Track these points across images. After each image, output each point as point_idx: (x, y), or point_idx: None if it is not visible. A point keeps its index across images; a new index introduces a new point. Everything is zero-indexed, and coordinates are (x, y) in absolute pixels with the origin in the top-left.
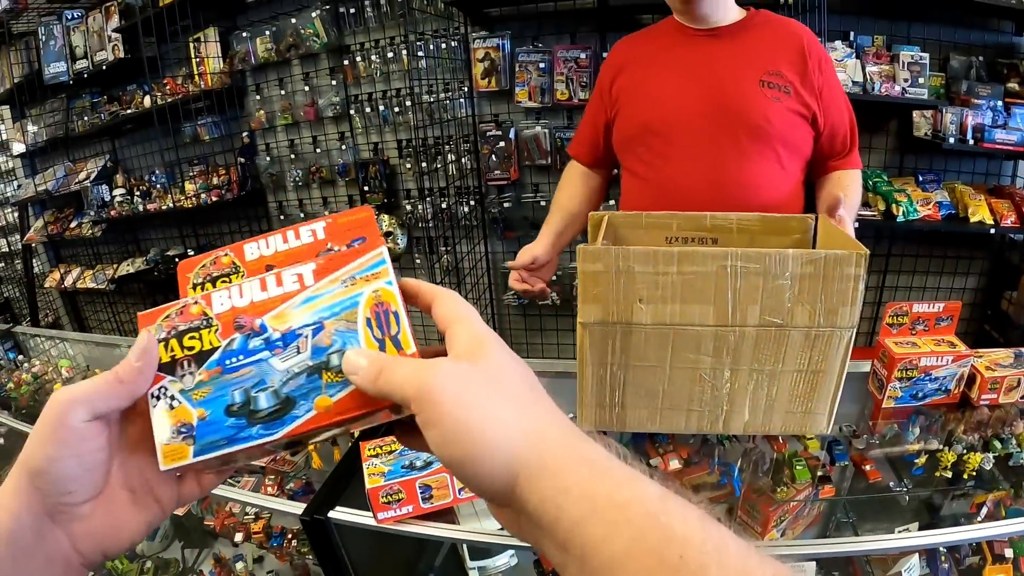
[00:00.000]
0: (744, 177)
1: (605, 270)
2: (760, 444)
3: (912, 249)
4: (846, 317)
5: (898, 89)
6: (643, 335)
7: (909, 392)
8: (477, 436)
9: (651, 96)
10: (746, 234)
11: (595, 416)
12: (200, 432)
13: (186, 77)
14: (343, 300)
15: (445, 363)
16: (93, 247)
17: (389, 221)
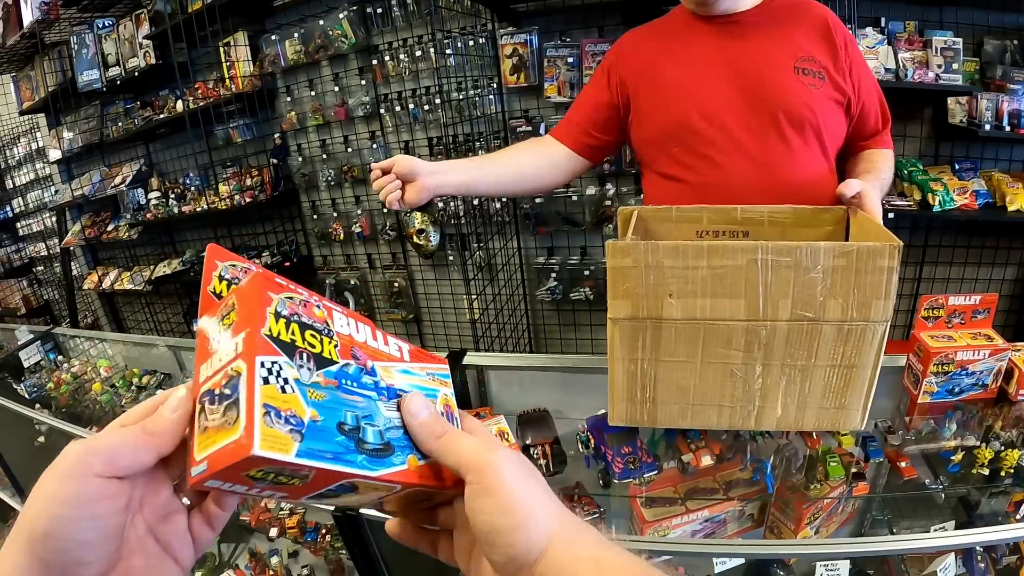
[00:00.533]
0: (794, 173)
1: (634, 265)
2: (793, 440)
3: (949, 239)
4: (880, 311)
5: (931, 75)
6: (673, 330)
7: (945, 387)
8: (527, 510)
9: (682, 92)
10: (777, 227)
11: (626, 412)
12: (310, 433)
13: (217, 81)
14: (428, 387)
15: (504, 449)
16: (130, 249)
17: (421, 218)
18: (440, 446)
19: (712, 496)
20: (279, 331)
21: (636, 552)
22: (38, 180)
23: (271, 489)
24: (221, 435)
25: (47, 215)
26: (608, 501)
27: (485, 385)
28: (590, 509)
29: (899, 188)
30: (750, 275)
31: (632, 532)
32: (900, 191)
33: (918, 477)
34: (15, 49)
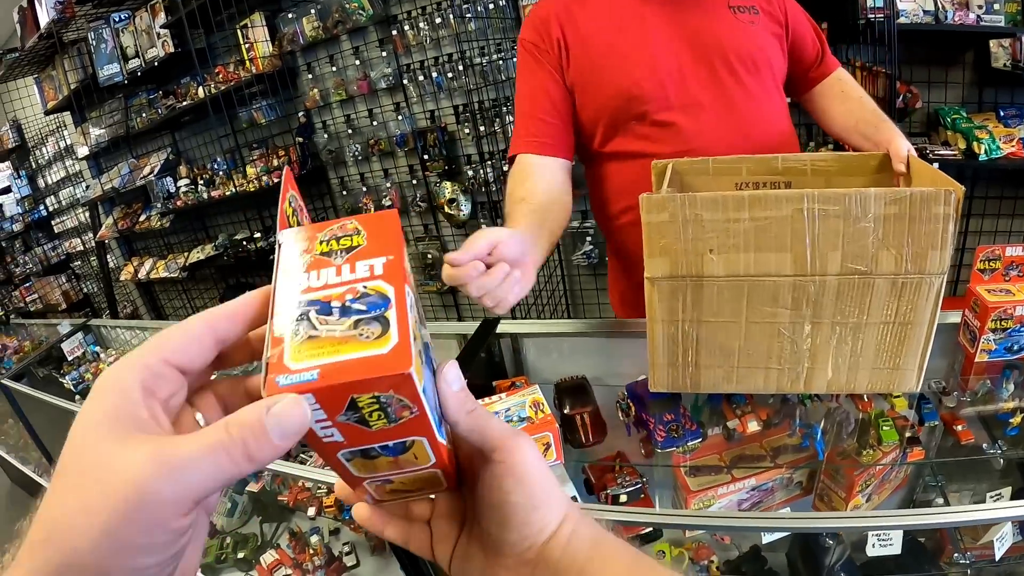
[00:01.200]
0: (758, 116)
1: (671, 220)
2: (844, 404)
3: (996, 190)
4: (936, 262)
5: (972, 17)
6: (715, 288)
7: (1004, 344)
8: (547, 491)
9: (626, 61)
10: (821, 175)
11: (668, 377)
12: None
13: (237, 64)
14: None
15: (526, 434)
16: (163, 238)
17: (452, 188)
18: (472, 419)
19: (759, 464)
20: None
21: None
22: (69, 177)
23: (344, 430)
24: (350, 347)
25: (80, 210)
26: (651, 471)
27: (520, 353)
28: (632, 479)
29: (942, 137)
30: (796, 226)
31: (676, 503)
32: (944, 140)
33: (975, 441)
34: (35, 50)
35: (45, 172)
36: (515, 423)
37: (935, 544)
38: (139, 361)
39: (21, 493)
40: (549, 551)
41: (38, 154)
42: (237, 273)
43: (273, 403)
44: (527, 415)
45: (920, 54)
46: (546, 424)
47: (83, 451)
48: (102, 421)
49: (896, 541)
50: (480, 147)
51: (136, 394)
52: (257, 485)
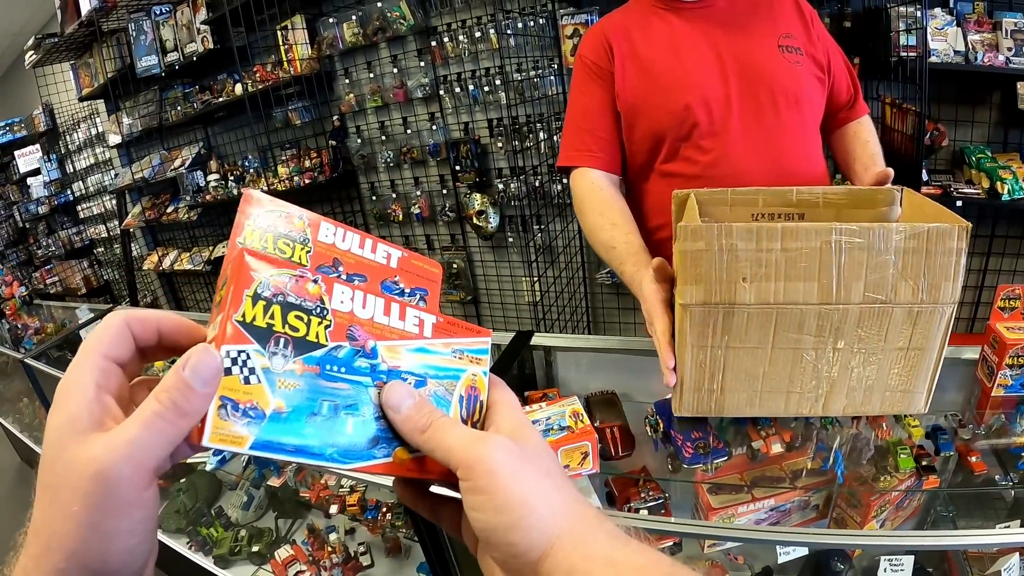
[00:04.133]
0: (794, 152)
1: (707, 249)
2: (863, 430)
3: (1017, 230)
4: (948, 292)
5: (1002, 59)
6: (745, 315)
7: (1020, 380)
8: (528, 508)
9: (676, 83)
10: (832, 208)
11: (694, 401)
12: (269, 425)
13: (275, 64)
14: (449, 368)
15: (501, 437)
16: (189, 230)
17: (481, 200)
18: (425, 441)
19: (779, 485)
20: (255, 316)
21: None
22: (98, 164)
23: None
24: None
25: (107, 198)
26: (673, 486)
27: (552, 366)
28: (655, 494)
29: (967, 175)
30: (824, 257)
31: (697, 518)
32: (968, 178)
33: (988, 472)
34: (74, 37)
35: (74, 157)
36: (555, 431)
37: (943, 575)
38: (88, 361)
39: (31, 472)
40: (549, 572)
41: (68, 139)
42: None
43: (185, 360)
44: (567, 424)
45: (948, 93)
46: (585, 434)
47: (54, 461)
48: (64, 427)
49: (907, 567)
50: (512, 161)
51: (92, 392)
52: (279, 480)
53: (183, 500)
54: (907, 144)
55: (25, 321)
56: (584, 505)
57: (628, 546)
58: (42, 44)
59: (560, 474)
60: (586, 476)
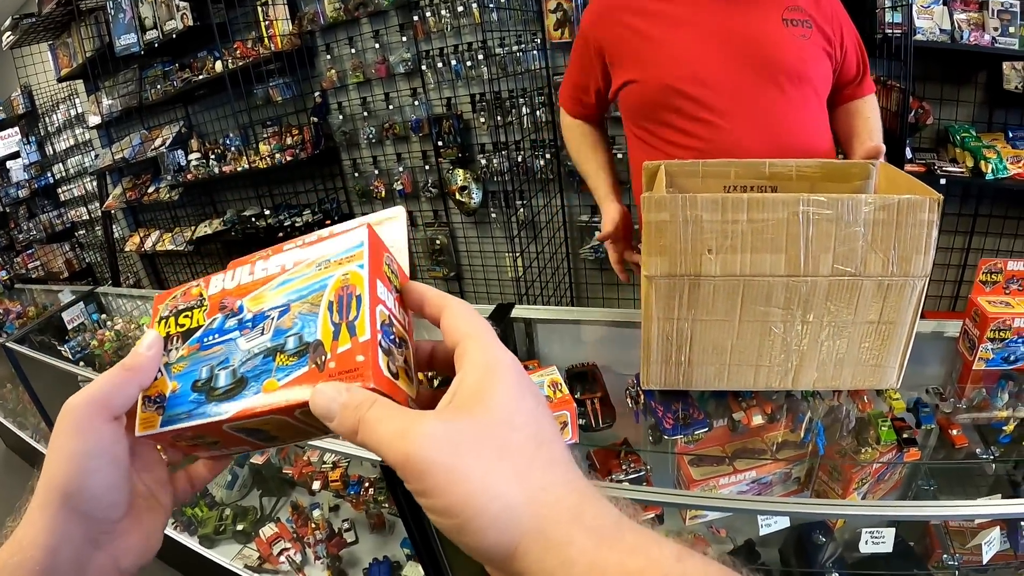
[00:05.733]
0: (797, 129)
1: (671, 219)
2: (844, 402)
3: (1001, 209)
4: (919, 265)
5: (987, 38)
6: (711, 287)
7: (1001, 354)
8: (473, 509)
9: (672, 56)
10: (806, 181)
11: (661, 374)
12: (169, 404)
13: (255, 41)
14: (312, 283)
15: (432, 426)
16: (171, 210)
17: (464, 176)
18: (360, 443)
19: (760, 457)
20: (164, 331)
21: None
22: (78, 146)
23: (206, 448)
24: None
25: (88, 180)
26: (655, 459)
27: (533, 339)
28: (636, 466)
29: (951, 154)
30: (791, 229)
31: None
32: (952, 157)
33: (969, 446)
34: (52, 17)
35: (54, 139)
36: None
37: (924, 548)
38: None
39: (17, 460)
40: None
41: (48, 121)
42: (244, 249)
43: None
44: (546, 394)
45: (934, 71)
46: (564, 403)
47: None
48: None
49: (888, 539)
50: (495, 137)
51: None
52: (261, 458)
53: None
54: (891, 121)
55: (7, 306)
56: (557, 490)
57: (619, 544)
58: (19, 24)
59: (534, 448)
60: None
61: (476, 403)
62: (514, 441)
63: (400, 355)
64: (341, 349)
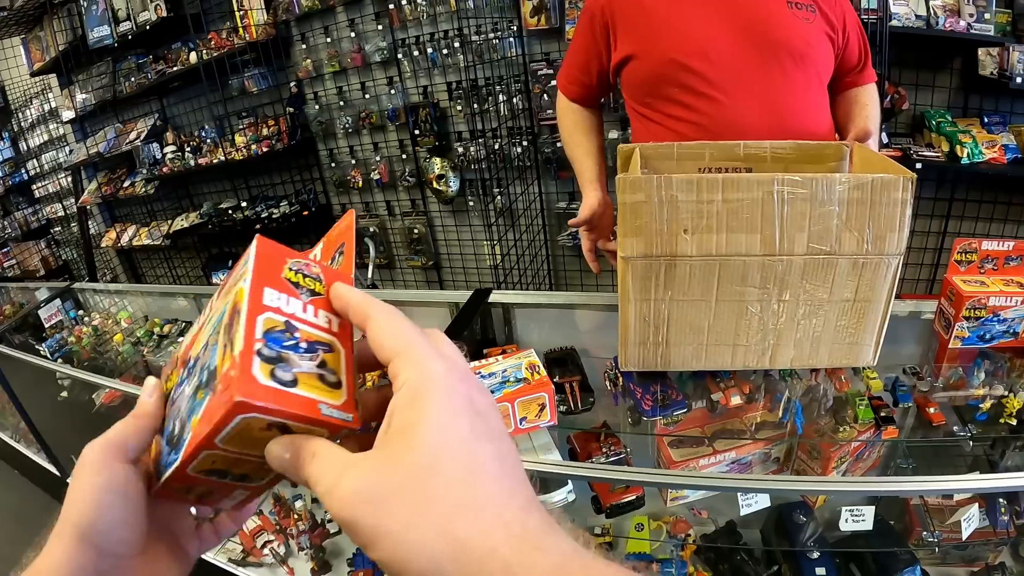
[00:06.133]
0: (798, 110)
1: (647, 200)
2: (822, 382)
3: (976, 194)
4: (894, 244)
5: (963, 24)
6: (688, 268)
7: (976, 333)
8: (398, 566)
9: (678, 31)
10: (780, 163)
11: (639, 356)
12: (159, 463)
13: (230, 31)
14: (222, 311)
15: (356, 482)
16: (147, 205)
17: (441, 164)
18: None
19: (740, 437)
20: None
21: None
22: (52, 141)
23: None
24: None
25: (62, 175)
26: (634, 441)
27: (511, 324)
28: (616, 449)
29: (927, 139)
30: (766, 208)
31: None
32: (928, 142)
33: (946, 424)
34: (24, 10)
35: (28, 135)
36: (511, 383)
37: (904, 527)
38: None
39: None
40: None
41: (21, 116)
42: (221, 242)
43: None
44: (523, 376)
45: (909, 57)
46: (542, 385)
47: None
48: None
49: (868, 517)
50: (472, 124)
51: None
52: None
53: None
54: None
55: None
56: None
57: None
58: None
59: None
60: (545, 430)
61: (402, 443)
62: (439, 487)
63: (309, 359)
64: (223, 369)
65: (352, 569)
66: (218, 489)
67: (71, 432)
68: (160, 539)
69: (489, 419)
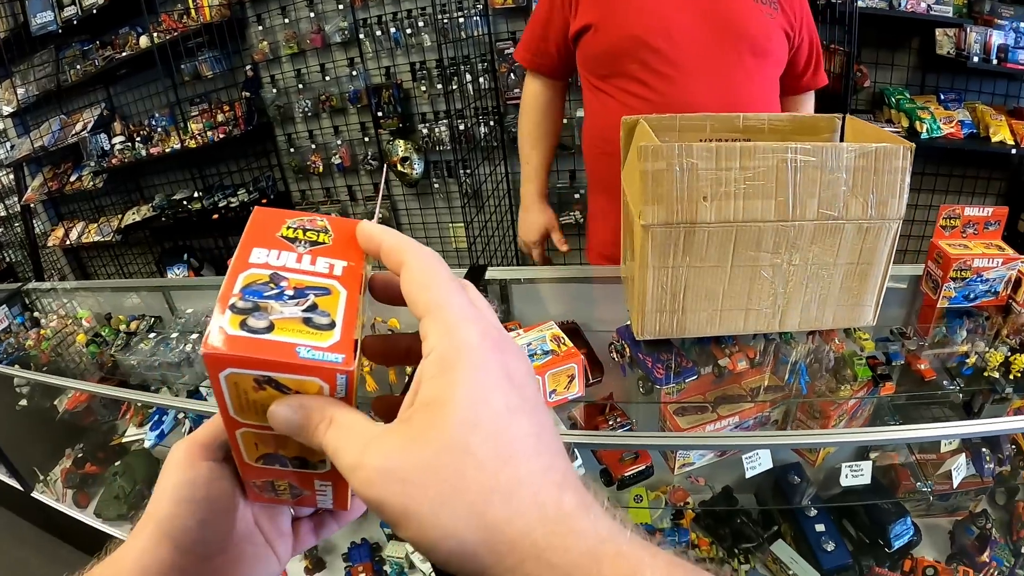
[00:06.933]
0: (753, 99)
1: (668, 168)
2: (819, 344)
3: (933, 167)
4: (895, 208)
5: (923, 6)
6: (706, 234)
7: (962, 293)
8: (426, 547)
9: (642, 8)
10: (777, 134)
11: (655, 323)
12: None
13: (182, 13)
14: None
15: (381, 458)
16: (94, 200)
17: (405, 146)
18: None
19: (743, 400)
20: None
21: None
22: None
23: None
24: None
25: (3, 172)
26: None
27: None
28: (622, 420)
29: (886, 115)
30: (780, 175)
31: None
32: (888, 118)
33: (937, 378)
34: None
35: None
36: (539, 356)
37: (891, 481)
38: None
39: None
40: None
41: None
42: (175, 235)
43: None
44: (550, 348)
45: (870, 37)
46: (571, 356)
47: None
48: None
49: (867, 471)
50: (436, 105)
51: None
52: None
53: (120, 484)
54: (835, 82)
55: None
56: (521, 523)
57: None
58: None
59: (487, 469)
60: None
61: (431, 419)
62: (470, 468)
63: (294, 305)
64: None
65: (350, 564)
66: (297, 482)
67: (33, 443)
68: (247, 539)
69: (525, 389)
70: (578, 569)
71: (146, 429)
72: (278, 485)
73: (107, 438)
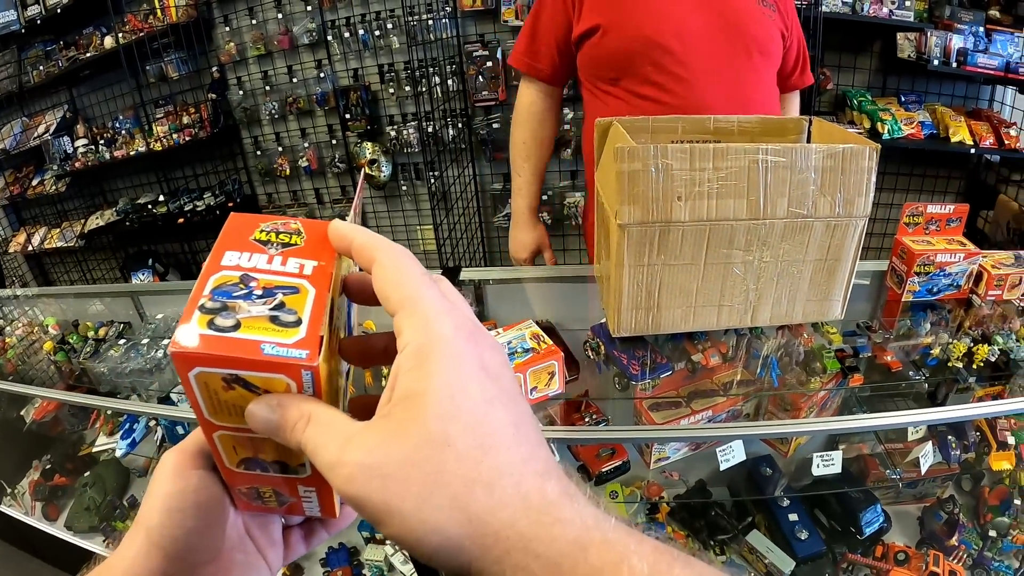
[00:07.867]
0: (759, 97)
1: (643, 169)
2: (789, 338)
3: (893, 168)
4: (861, 207)
5: (885, 11)
6: (680, 233)
7: (926, 287)
8: (411, 543)
9: (653, 11)
10: (747, 135)
11: (631, 321)
12: None
13: (148, 13)
14: None
15: (360, 454)
16: (58, 204)
17: (373, 148)
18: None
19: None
20: None
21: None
22: None
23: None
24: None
25: None
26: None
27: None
28: (597, 417)
29: (849, 116)
30: (752, 176)
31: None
32: (850, 119)
33: (903, 370)
34: None
35: None
36: (520, 354)
37: (860, 470)
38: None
39: None
40: None
41: None
42: (139, 240)
43: None
44: (530, 346)
45: (833, 40)
46: (551, 353)
47: None
48: None
49: (837, 461)
50: (404, 108)
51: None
52: None
53: (91, 495)
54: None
55: None
56: (504, 513)
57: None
58: None
59: (468, 460)
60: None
61: (409, 413)
62: (450, 460)
63: (262, 304)
64: None
65: (328, 569)
66: (280, 488)
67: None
68: (238, 548)
69: (501, 379)
70: (565, 558)
71: (116, 438)
72: (263, 492)
73: (76, 448)
